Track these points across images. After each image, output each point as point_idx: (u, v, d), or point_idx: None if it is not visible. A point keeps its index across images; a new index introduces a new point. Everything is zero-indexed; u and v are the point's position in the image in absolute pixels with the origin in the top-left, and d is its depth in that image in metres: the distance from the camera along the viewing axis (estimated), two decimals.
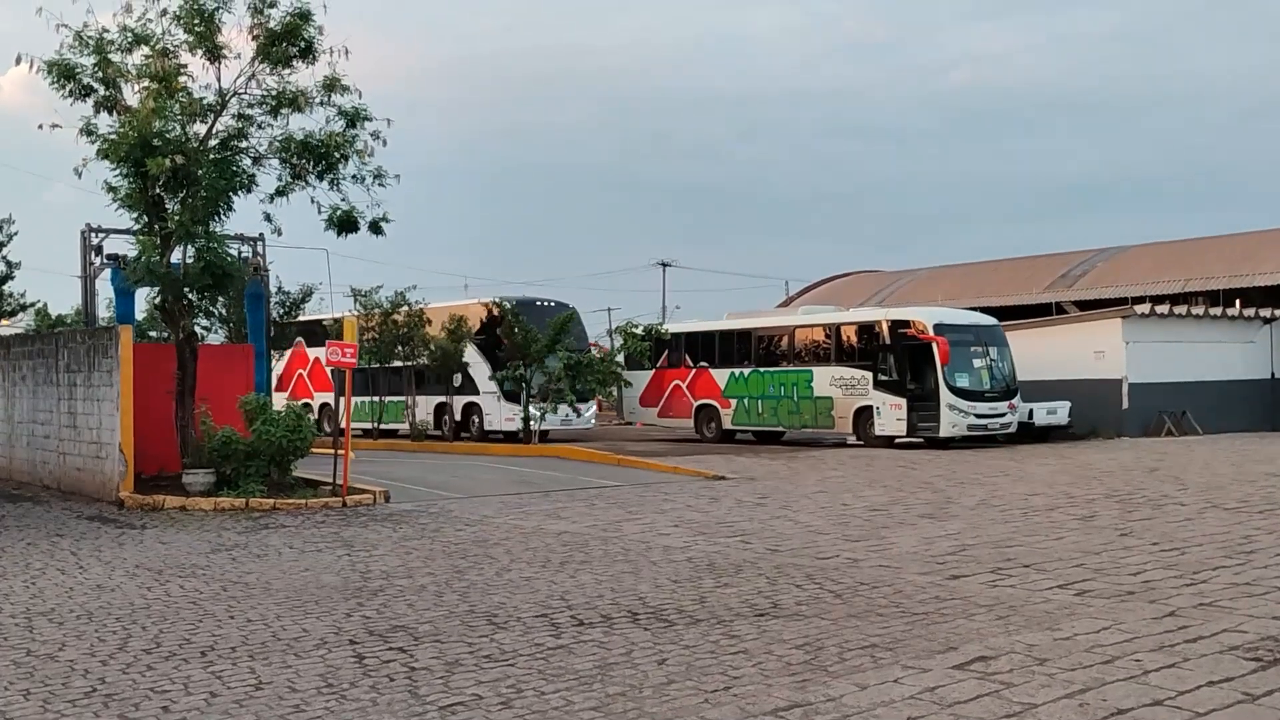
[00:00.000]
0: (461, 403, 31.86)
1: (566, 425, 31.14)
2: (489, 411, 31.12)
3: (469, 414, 31.75)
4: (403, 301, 30.81)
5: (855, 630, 7.68)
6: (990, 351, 27.75)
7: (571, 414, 30.63)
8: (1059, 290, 39.70)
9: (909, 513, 14.35)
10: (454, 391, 31.89)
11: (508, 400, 30.32)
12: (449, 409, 32.05)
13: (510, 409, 30.14)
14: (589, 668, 6.82)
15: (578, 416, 31.33)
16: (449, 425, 32.12)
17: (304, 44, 16.45)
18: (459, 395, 31.87)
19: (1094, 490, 16.64)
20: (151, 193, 16.21)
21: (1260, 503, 14.79)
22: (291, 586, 9.67)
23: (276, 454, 16.26)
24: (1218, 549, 11.00)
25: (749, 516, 14.22)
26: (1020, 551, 11.01)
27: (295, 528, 13.56)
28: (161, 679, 6.73)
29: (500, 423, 30.76)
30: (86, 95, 16.38)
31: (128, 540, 12.70)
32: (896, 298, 41.70)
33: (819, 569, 10.18)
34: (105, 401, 16.93)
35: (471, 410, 31.66)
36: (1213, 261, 36.90)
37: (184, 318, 17.34)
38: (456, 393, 31.82)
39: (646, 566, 10.43)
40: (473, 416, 31.63)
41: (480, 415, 31.37)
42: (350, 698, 6.28)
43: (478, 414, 31.46)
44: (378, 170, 17.18)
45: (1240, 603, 8.39)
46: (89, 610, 8.79)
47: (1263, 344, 34.10)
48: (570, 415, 30.69)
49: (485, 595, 9.14)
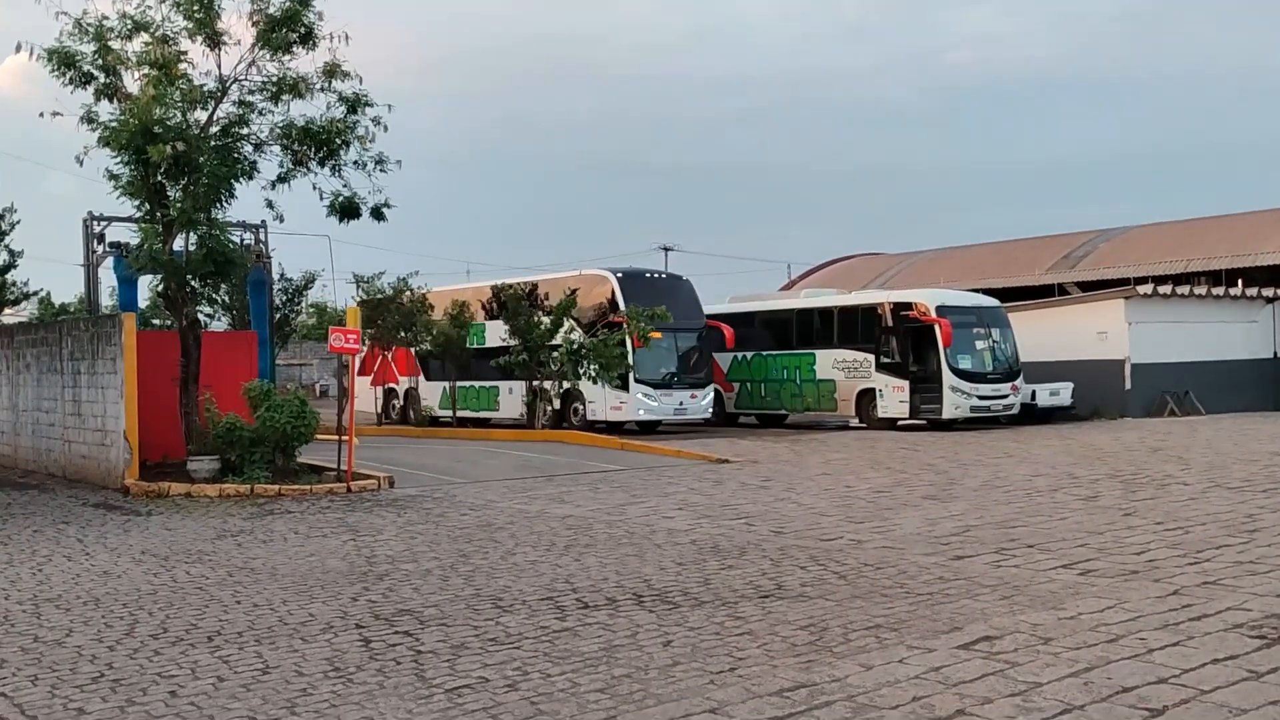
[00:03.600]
0: (561, 389, 27.94)
1: (680, 415, 27.45)
2: (593, 399, 27.18)
3: (570, 402, 27.91)
4: (405, 287, 30.71)
5: (860, 611, 7.70)
6: (993, 333, 27.77)
7: (685, 402, 27.23)
8: (1061, 271, 39.65)
9: (912, 494, 14.37)
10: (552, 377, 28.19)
11: (614, 386, 26.62)
12: (547, 397, 28.19)
13: (618, 396, 26.54)
14: (594, 650, 6.84)
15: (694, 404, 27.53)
16: (546, 414, 28.06)
17: (304, 30, 16.42)
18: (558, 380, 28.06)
19: (1097, 471, 16.64)
20: (153, 180, 16.19)
21: (1264, 482, 14.80)
22: (297, 571, 9.70)
23: (281, 440, 16.27)
24: (1221, 528, 11.01)
25: (752, 499, 14.23)
26: (1024, 532, 11.02)
27: (300, 513, 13.58)
28: (169, 664, 6.76)
29: (606, 412, 26.83)
30: (87, 83, 16.36)
31: (133, 527, 12.74)
32: (899, 280, 41.65)
33: (823, 550, 10.20)
34: (109, 389, 16.96)
35: (572, 397, 27.80)
36: (1215, 241, 36.83)
37: (187, 305, 17.36)
38: (554, 377, 28.05)
39: (651, 549, 10.45)
40: (574, 404, 27.78)
41: (583, 403, 27.51)
42: (357, 681, 6.30)
43: (580, 402, 27.60)
44: (379, 156, 17.19)
45: (1244, 581, 8.40)
46: (96, 596, 8.82)
47: (1265, 324, 34.07)
48: (684, 404, 27.27)
49: (490, 579, 9.17)
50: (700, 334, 27.97)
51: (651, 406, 26.65)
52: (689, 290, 28.53)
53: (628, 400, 26.41)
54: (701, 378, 27.80)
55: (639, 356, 26.27)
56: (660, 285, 28.19)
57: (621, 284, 27.18)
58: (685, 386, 27.25)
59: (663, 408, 26.88)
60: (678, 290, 28.24)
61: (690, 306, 28.04)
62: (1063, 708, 5.50)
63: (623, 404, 26.49)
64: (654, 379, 26.77)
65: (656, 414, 26.91)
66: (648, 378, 26.61)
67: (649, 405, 26.61)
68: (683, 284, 28.61)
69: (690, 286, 28.62)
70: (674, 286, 28.37)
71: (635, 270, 29.06)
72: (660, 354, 26.84)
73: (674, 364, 27.24)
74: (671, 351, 27.21)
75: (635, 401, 26.46)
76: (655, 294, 27.18)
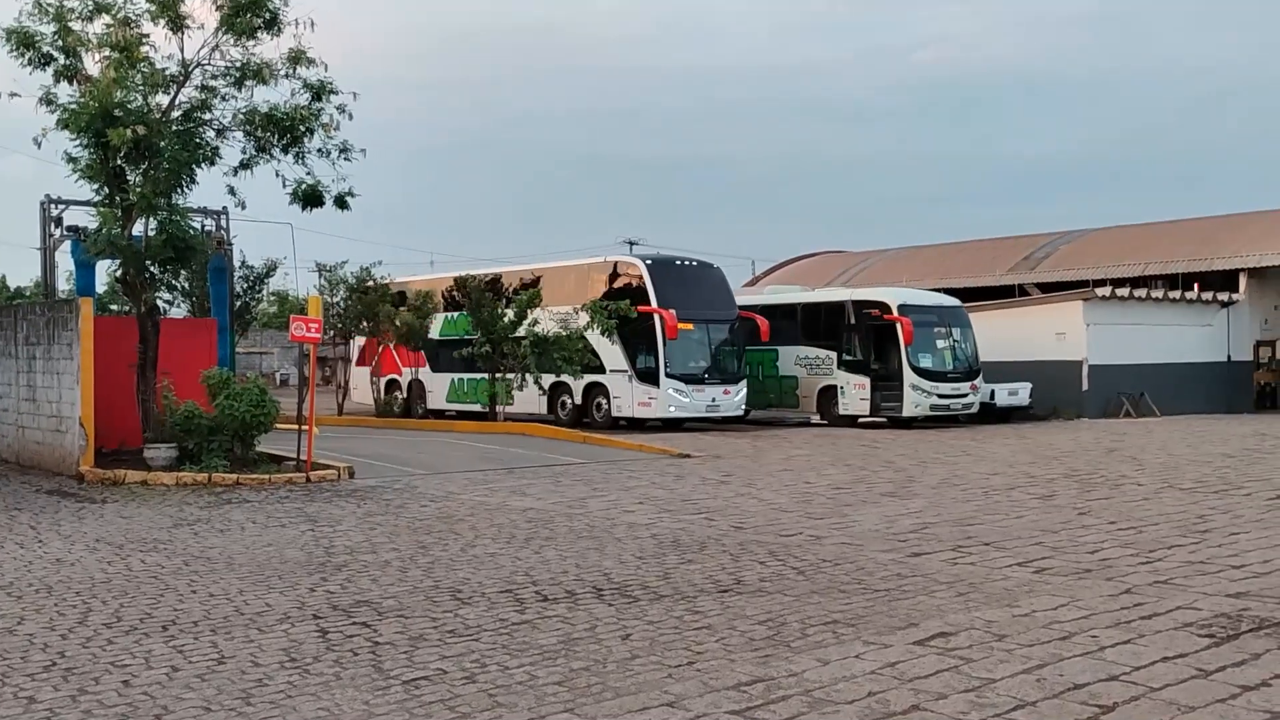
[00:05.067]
0: (583, 383, 26.39)
1: (713, 412, 25.80)
2: (618, 394, 25.75)
3: (592, 396, 26.50)
4: (368, 277, 30.54)
5: (817, 606, 7.75)
6: (954, 332, 28.00)
7: (718, 398, 25.70)
8: (1022, 272, 40.02)
9: (872, 491, 14.47)
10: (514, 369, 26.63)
11: (642, 381, 25.26)
12: (568, 390, 26.77)
13: (646, 391, 25.14)
14: (553, 643, 6.85)
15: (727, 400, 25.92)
16: (566, 409, 26.82)
17: (269, 15, 16.26)
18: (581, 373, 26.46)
19: (1053, 470, 16.83)
20: (112, 164, 16.00)
21: (1215, 483, 15.03)
22: (254, 561, 9.63)
23: (240, 429, 16.13)
24: (1173, 528, 11.17)
25: (713, 494, 14.28)
26: (981, 530, 11.13)
27: (258, 503, 13.48)
28: (122, 653, 6.69)
29: (633, 408, 25.48)
30: (46, 64, 16.13)
31: (88, 514, 12.59)
32: (863, 278, 41.88)
33: (782, 546, 10.25)
34: (65, 375, 16.74)
35: (596, 392, 26.37)
36: (1172, 245, 37.32)
37: (146, 291, 17.15)
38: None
39: (611, 543, 10.47)
40: (598, 399, 26.35)
41: (608, 398, 26.01)
42: (314, 672, 6.27)
43: (604, 396, 26.14)
44: (343, 144, 17.06)
45: (1194, 581, 8.53)
46: (48, 584, 8.72)
47: (1220, 327, 34.60)
48: (716, 400, 25.70)
49: (450, 571, 9.14)
50: (732, 325, 26.57)
51: (683, 403, 25.17)
52: (720, 278, 27.17)
53: (657, 396, 24.98)
54: (734, 372, 26.33)
55: (670, 349, 24.93)
56: (691, 273, 26.61)
57: (651, 271, 25.64)
58: (718, 382, 25.81)
59: (694, 404, 25.32)
60: (709, 278, 26.89)
61: (722, 296, 26.81)
62: (1016, 704, 5.57)
63: (651, 400, 25.10)
64: (686, 373, 25.29)
65: (688, 411, 25.37)
66: (679, 372, 25.16)
67: (680, 402, 25.12)
68: (714, 271, 27.17)
69: (721, 274, 27.17)
70: (705, 274, 26.87)
71: (665, 257, 27.23)
72: (692, 346, 25.54)
73: (706, 357, 25.88)
74: (704, 344, 25.87)
75: (665, 397, 24.97)
76: (686, 282, 25.92)
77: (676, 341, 24.95)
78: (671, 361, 25.12)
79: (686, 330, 24.96)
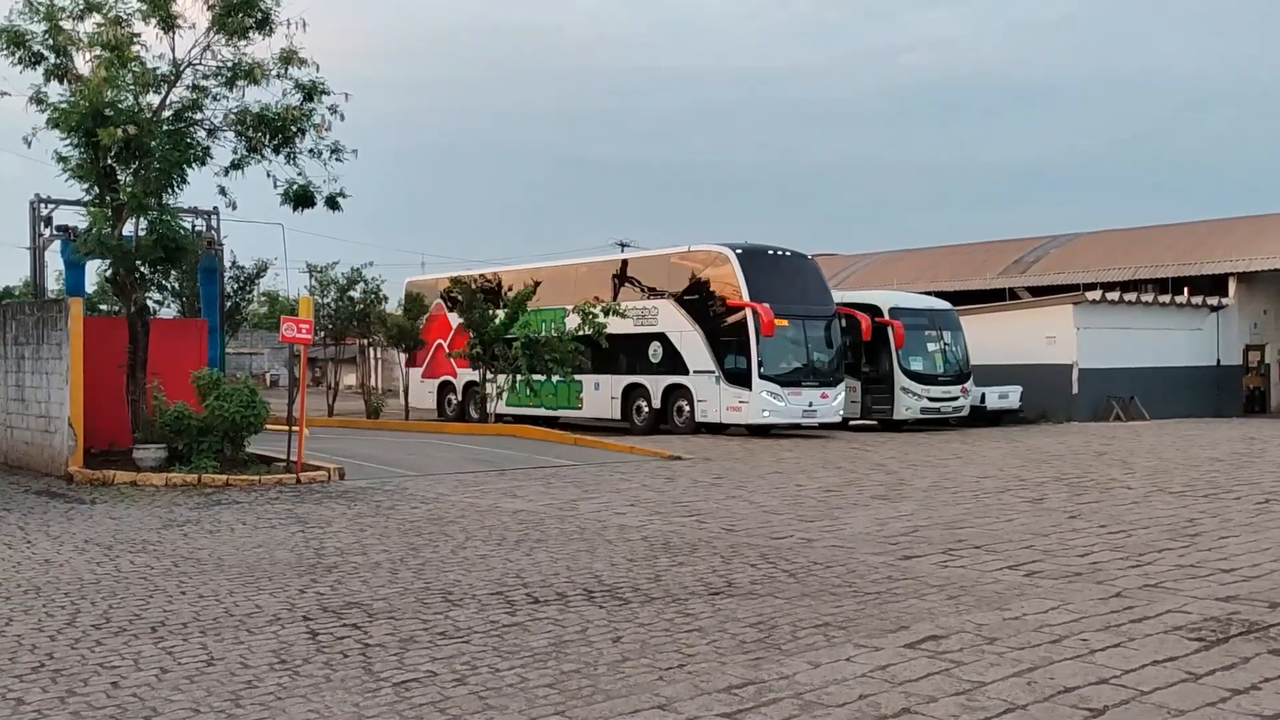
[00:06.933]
0: (663, 385, 24.79)
1: (810, 418, 24.01)
2: (703, 398, 23.92)
3: (673, 399, 24.72)
4: (359, 278, 30.49)
5: (808, 609, 7.75)
6: (944, 336, 28.05)
7: (815, 403, 23.87)
8: (1012, 276, 40.13)
9: (862, 494, 14.48)
10: (652, 370, 25.11)
11: (731, 383, 23.52)
12: (645, 394, 25.16)
13: (736, 394, 23.31)
14: (544, 645, 6.83)
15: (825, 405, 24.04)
16: (643, 415, 25.10)
17: (261, 15, 16.25)
18: (659, 375, 24.94)
19: (1044, 473, 16.86)
20: (103, 163, 15.96)
21: (1205, 487, 15.07)
22: (244, 562, 9.60)
23: (230, 430, 16.09)
24: (1163, 532, 11.19)
25: (704, 496, 14.28)
26: (971, 533, 11.14)
27: (248, 504, 13.44)
28: (111, 654, 6.66)
29: (720, 412, 23.67)
30: (36, 63, 16.09)
31: (77, 515, 12.54)
32: (853, 281, 41.92)
33: (773, 549, 10.25)
34: (54, 375, 16.68)
35: (677, 394, 24.60)
36: (1162, 250, 37.46)
37: (136, 291, 17.11)
38: (655, 371, 25.02)
39: (602, 545, 10.46)
40: (679, 403, 24.54)
41: (691, 402, 24.21)
42: (304, 674, 6.25)
43: (686, 400, 24.34)
44: (335, 145, 17.08)
45: (1184, 584, 8.55)
46: (37, 585, 8.68)
47: (1209, 331, 34.74)
48: (814, 405, 23.84)
49: (440, 573, 9.13)
50: (829, 322, 24.70)
51: (778, 407, 23.44)
52: (815, 269, 25.44)
53: (749, 400, 23.23)
54: (833, 375, 24.49)
55: (764, 347, 23.18)
56: (786, 263, 24.65)
57: (742, 261, 23.80)
58: (815, 385, 23.99)
59: (790, 409, 23.53)
60: (805, 269, 25.06)
61: (819, 289, 24.98)
62: (1006, 707, 5.57)
63: (743, 404, 23.29)
64: (781, 375, 23.56)
65: (783, 416, 23.58)
66: (774, 373, 23.45)
67: (775, 406, 23.39)
68: (809, 263, 25.35)
69: (816, 265, 25.56)
70: (800, 265, 24.92)
71: (757, 247, 24.77)
72: (787, 346, 23.80)
73: (803, 357, 24.13)
74: (800, 343, 24.09)
75: (759, 401, 23.26)
76: (780, 272, 24.12)
77: (771, 339, 23.24)
78: (766, 361, 23.42)
79: (782, 327, 23.28)
